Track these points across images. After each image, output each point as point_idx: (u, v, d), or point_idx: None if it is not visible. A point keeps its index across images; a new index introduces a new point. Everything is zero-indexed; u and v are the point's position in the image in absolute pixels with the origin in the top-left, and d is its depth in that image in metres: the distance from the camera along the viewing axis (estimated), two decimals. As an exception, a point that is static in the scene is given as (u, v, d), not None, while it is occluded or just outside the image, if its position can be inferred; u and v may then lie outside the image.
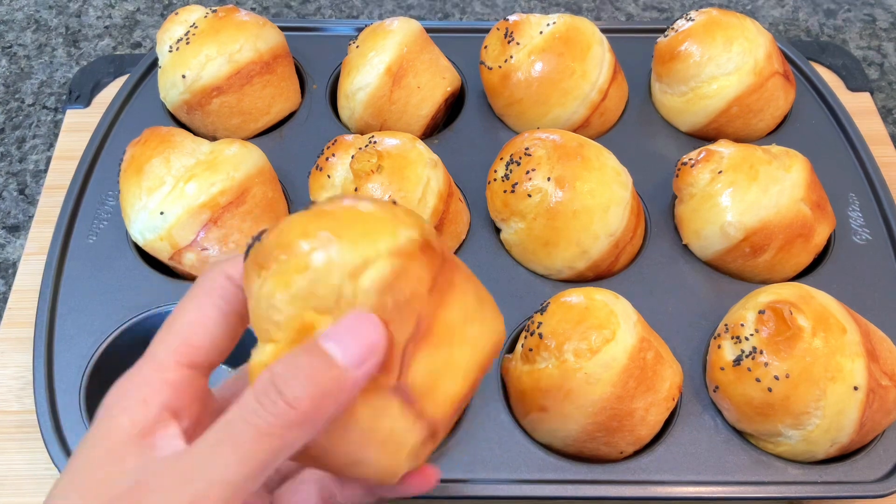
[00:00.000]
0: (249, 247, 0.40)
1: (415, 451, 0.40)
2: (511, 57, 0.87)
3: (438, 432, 0.41)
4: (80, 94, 1.00)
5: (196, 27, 0.86)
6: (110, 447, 0.38)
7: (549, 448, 0.68)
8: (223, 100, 0.86)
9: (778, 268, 0.79)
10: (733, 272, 0.80)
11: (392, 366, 0.38)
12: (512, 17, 0.89)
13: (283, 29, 0.94)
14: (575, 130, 0.88)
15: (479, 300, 0.42)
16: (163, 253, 0.76)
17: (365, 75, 0.86)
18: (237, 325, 0.42)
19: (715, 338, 0.72)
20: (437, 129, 0.94)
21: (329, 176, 0.77)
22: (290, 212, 0.83)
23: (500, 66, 0.87)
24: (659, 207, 0.85)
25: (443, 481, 0.66)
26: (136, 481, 0.36)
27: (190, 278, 0.78)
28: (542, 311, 0.69)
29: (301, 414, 0.35)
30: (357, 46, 0.89)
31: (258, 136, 0.91)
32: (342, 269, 0.36)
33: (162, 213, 0.74)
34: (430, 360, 0.39)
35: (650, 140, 0.92)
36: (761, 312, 0.67)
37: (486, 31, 0.92)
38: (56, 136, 0.99)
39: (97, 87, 1.01)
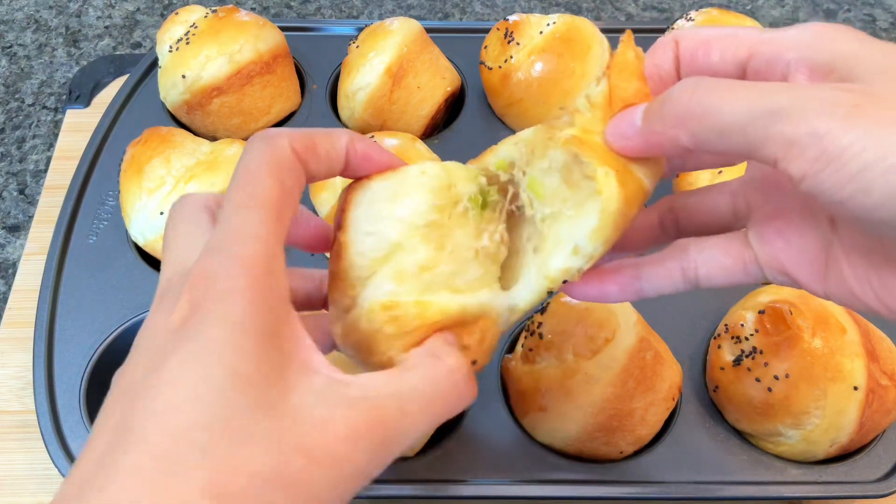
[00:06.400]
0: None
1: None
2: (511, 57, 0.87)
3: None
4: (80, 94, 1.00)
5: (196, 27, 0.86)
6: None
7: (549, 448, 0.68)
8: (223, 100, 0.86)
9: (778, 268, 0.79)
10: (733, 272, 0.80)
11: None
12: (512, 18, 0.89)
13: (283, 29, 0.94)
14: (575, 130, 0.88)
15: None
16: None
17: (365, 75, 0.86)
18: None
19: (715, 338, 0.72)
20: (437, 129, 0.94)
21: (329, 176, 0.77)
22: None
23: (500, 67, 0.87)
24: (659, 207, 0.85)
25: (443, 481, 0.66)
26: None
27: (190, 278, 0.78)
28: (543, 310, 0.69)
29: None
30: (357, 46, 0.89)
31: (258, 137, 0.90)
32: None
33: (162, 213, 0.74)
34: None
35: (650, 140, 0.91)
36: (761, 312, 0.67)
37: (486, 31, 0.92)
38: (56, 136, 0.99)
39: (97, 87, 1.01)
